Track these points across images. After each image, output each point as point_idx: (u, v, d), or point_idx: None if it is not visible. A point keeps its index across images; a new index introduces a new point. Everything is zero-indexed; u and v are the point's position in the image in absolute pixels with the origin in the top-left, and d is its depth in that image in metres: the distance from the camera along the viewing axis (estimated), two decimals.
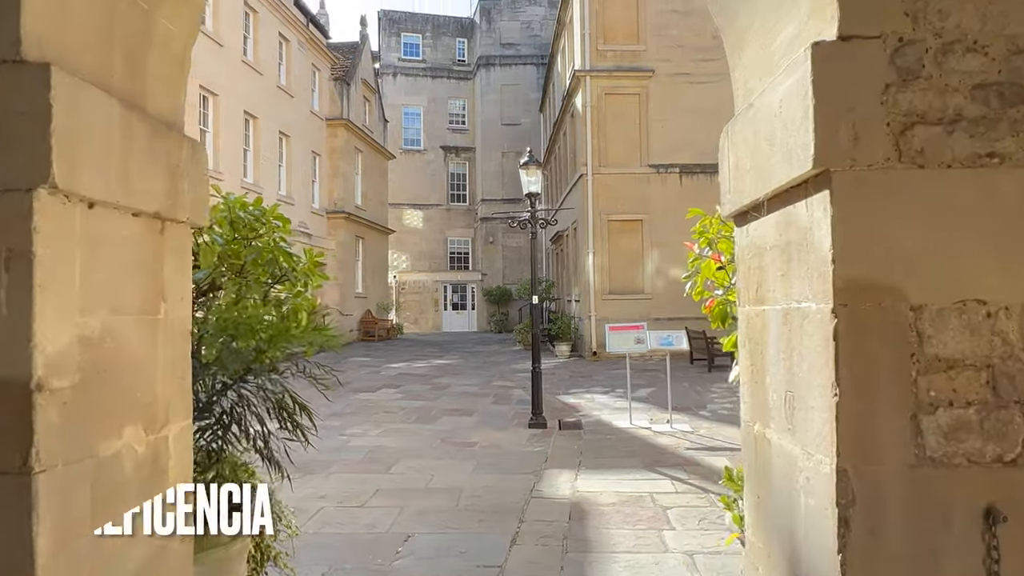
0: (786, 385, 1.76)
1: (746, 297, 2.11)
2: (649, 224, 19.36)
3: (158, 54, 2.10)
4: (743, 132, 2.01)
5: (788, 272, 1.75)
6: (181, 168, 2.17)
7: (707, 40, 19.62)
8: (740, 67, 2.13)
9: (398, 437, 8.87)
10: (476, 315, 35.85)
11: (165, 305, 2.09)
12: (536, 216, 9.73)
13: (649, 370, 15.71)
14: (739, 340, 2.23)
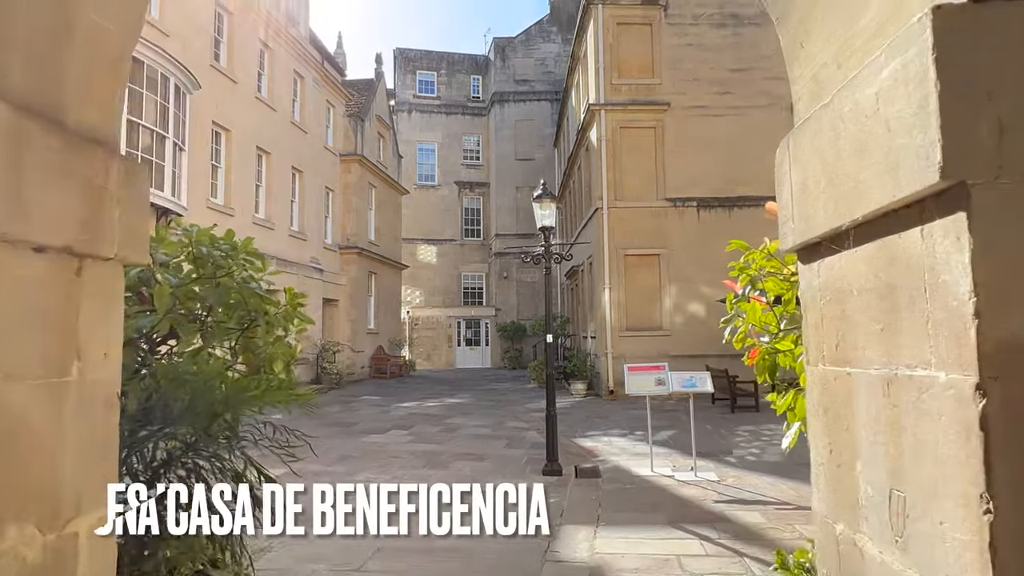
0: (890, 480, 1.28)
1: (818, 354, 1.64)
2: (666, 259, 18.88)
3: (81, 54, 1.71)
4: (814, 141, 1.56)
5: (892, 325, 1.28)
6: (109, 193, 1.75)
7: (722, 73, 19.45)
8: (804, 58, 1.70)
9: (409, 481, 8.34)
10: (490, 351, 35.30)
11: (79, 364, 1.65)
12: (550, 251, 9.32)
13: (669, 410, 15.05)
14: (809, 407, 1.75)
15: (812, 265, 1.65)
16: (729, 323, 2.71)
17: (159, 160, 12.86)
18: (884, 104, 1.22)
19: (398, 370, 27.36)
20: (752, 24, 19.62)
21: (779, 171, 1.78)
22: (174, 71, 13.32)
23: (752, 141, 19.21)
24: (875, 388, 1.34)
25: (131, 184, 1.87)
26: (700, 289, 18.82)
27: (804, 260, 1.70)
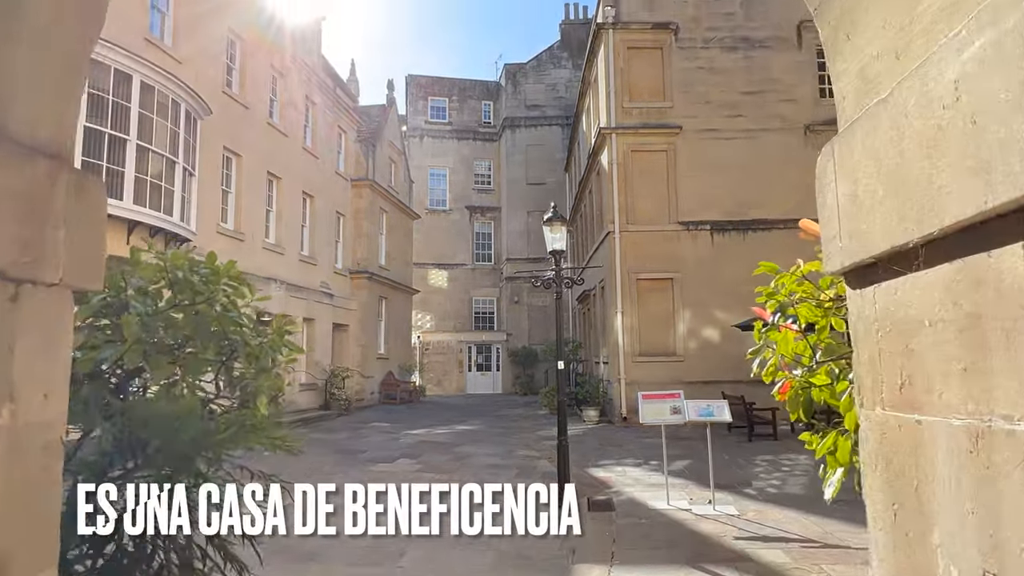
0: (983, 560, 1.02)
1: (875, 396, 1.38)
2: (680, 283, 18.58)
3: (28, 52, 1.51)
4: (868, 144, 1.32)
5: (980, 365, 1.03)
6: (53, 209, 1.54)
7: (734, 96, 19.33)
8: (849, 52, 1.46)
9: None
10: (501, 376, 34.94)
11: (11, 407, 1.43)
12: (561, 275, 9.09)
13: (684, 438, 14.62)
14: (864, 457, 1.48)
15: (865, 291, 1.40)
16: (758, 354, 2.45)
17: (169, 185, 12.83)
18: (967, 91, 0.99)
19: (408, 396, 27.05)
20: (763, 47, 19.55)
21: (821, 182, 1.55)
22: (185, 97, 13.36)
23: (765, 164, 19.04)
24: (958, 442, 1.08)
25: (83, 200, 1.66)
26: (714, 314, 18.49)
27: (854, 284, 1.45)
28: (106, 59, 11.41)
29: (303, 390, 19.77)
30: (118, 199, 11.51)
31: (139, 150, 11.98)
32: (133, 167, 11.81)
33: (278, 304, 18.27)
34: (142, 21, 13.39)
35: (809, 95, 19.33)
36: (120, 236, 11.86)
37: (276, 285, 18.16)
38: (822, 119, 19.10)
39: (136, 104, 11.92)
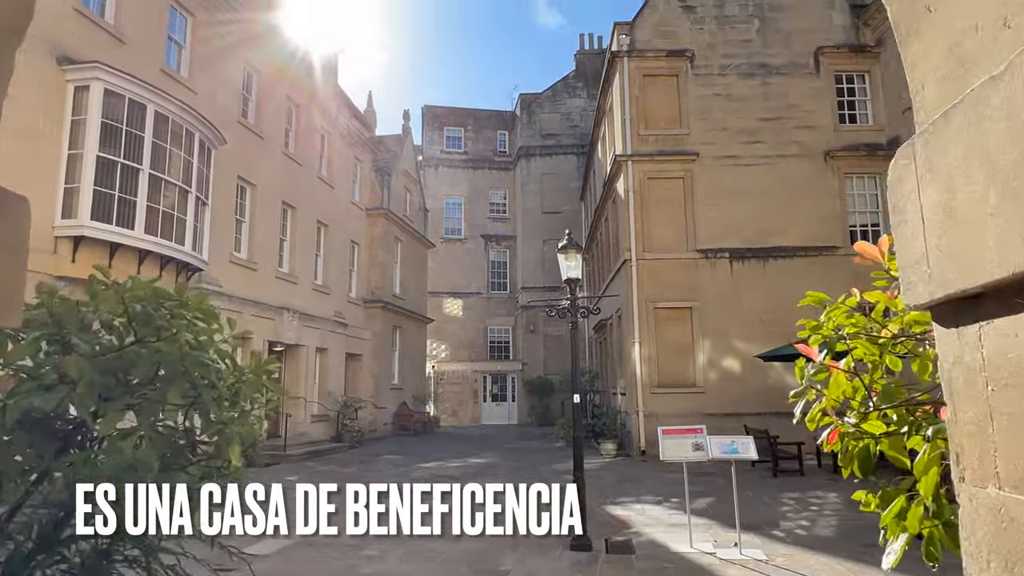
0: None
1: (987, 469, 1.05)
2: (699, 312, 18.15)
3: None
4: (971, 138, 1.01)
5: None
6: None
7: (752, 122, 19.09)
8: (931, 29, 1.16)
9: (419, 561, 7.64)
10: (516, 407, 34.41)
11: None
12: (577, 304, 8.77)
13: (706, 473, 14.07)
14: (971, 550, 1.14)
15: (966, 330, 1.08)
16: (801, 397, 2.11)
17: (181, 215, 12.76)
18: None
19: (422, 427, 26.63)
20: (780, 74, 19.35)
21: (896, 193, 1.23)
22: (200, 127, 13.36)
23: (784, 191, 18.70)
24: None
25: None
26: (734, 344, 18.01)
27: (949, 322, 1.13)
28: (120, 89, 11.44)
29: (315, 421, 19.47)
30: (129, 228, 11.43)
31: (152, 180, 11.93)
32: (145, 197, 11.75)
33: (291, 334, 18.09)
34: (158, 53, 13.49)
35: (828, 121, 19.04)
36: (131, 266, 11.75)
37: (289, 315, 18.01)
38: (841, 145, 18.80)
39: (150, 134, 11.91)
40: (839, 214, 18.53)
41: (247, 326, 15.89)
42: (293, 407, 18.57)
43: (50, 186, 10.78)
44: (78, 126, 11.07)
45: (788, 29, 19.57)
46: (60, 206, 10.86)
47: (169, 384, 1.94)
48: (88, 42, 11.53)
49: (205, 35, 15.12)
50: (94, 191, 10.95)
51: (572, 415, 9.02)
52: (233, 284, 15.67)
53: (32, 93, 10.54)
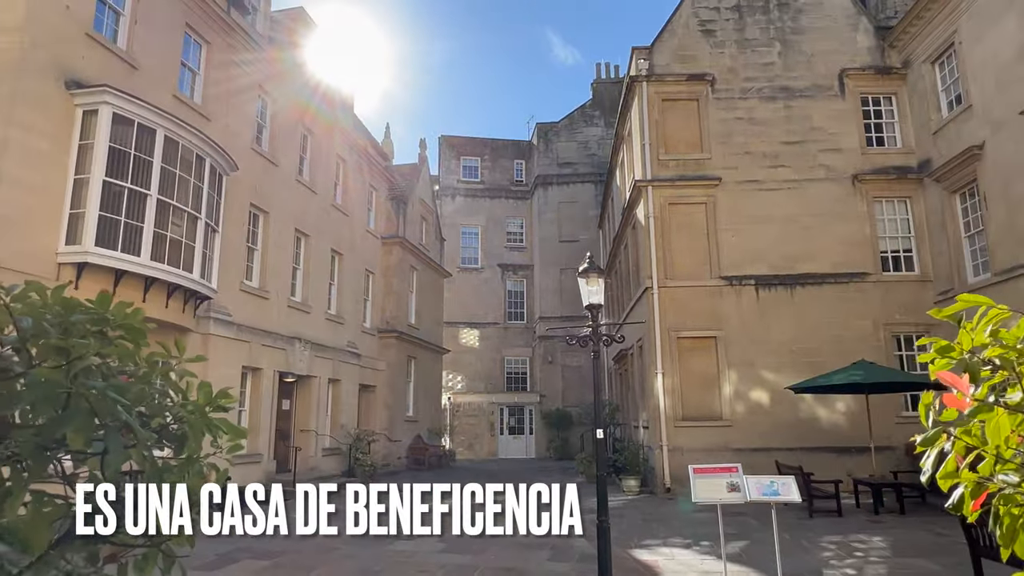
0: None
1: None
2: (724, 341, 17.43)
3: None
4: None
5: None
6: None
7: (775, 146, 18.58)
8: None
9: None
10: (534, 440, 33.53)
11: None
12: (599, 331, 8.19)
13: (737, 514, 13.24)
14: None
15: None
16: (931, 445, 1.53)
17: (190, 241, 12.43)
18: None
19: (437, 460, 25.89)
20: (804, 96, 18.88)
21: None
22: (211, 152, 13.12)
23: (811, 216, 18.09)
24: None
25: None
26: (762, 375, 17.24)
27: None
28: (129, 113, 11.22)
29: (326, 455, 18.87)
30: (134, 255, 11.10)
31: (160, 206, 11.64)
32: (152, 223, 11.44)
33: (303, 364, 17.63)
34: (171, 79, 13.35)
35: (855, 144, 18.47)
36: (136, 294, 11.40)
37: (301, 345, 17.58)
38: (870, 168, 18.20)
39: (158, 159, 11.66)
40: (869, 239, 17.83)
41: (257, 356, 15.47)
42: (304, 440, 18.01)
43: (55, 212, 10.50)
44: (85, 151, 10.84)
45: (811, 52, 19.15)
46: (65, 232, 10.57)
47: (72, 424, 1.42)
48: (99, 67, 11.37)
49: (220, 61, 15.02)
50: (99, 217, 10.66)
51: (594, 450, 8.39)
52: (243, 313, 15.29)
53: (40, 118, 10.33)
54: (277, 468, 16.48)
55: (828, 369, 16.50)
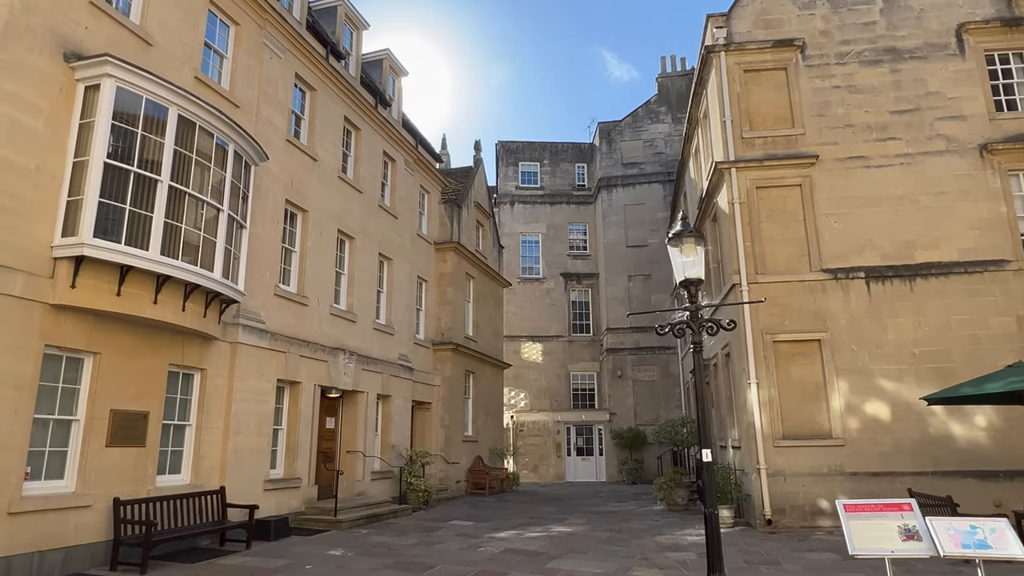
0: None
1: None
2: (830, 345, 14.77)
3: None
4: None
5: None
6: None
7: (882, 117, 15.91)
8: None
9: None
10: (605, 462, 30.97)
11: None
12: (699, 315, 6.03)
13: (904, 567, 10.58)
14: None
15: None
16: None
17: (210, 236, 10.93)
18: None
19: (499, 484, 23.80)
20: (914, 58, 16.15)
21: None
22: (235, 138, 11.67)
23: (930, 195, 15.31)
24: None
25: None
26: (879, 384, 14.46)
27: None
28: (135, 88, 9.83)
29: (375, 479, 17.08)
30: (143, 249, 9.61)
31: (173, 195, 10.17)
32: (163, 212, 9.96)
33: (348, 378, 15.98)
34: (193, 59, 12.02)
35: (981, 110, 15.59)
36: (146, 294, 9.92)
37: (345, 357, 15.94)
38: (1001, 137, 15.29)
39: (171, 141, 10.22)
40: (1006, 219, 14.88)
41: (295, 369, 13.89)
42: (350, 463, 16.30)
43: (51, 200, 9.14)
44: (86, 131, 9.48)
45: (919, 6, 16.44)
46: (61, 222, 9.18)
47: None
48: (107, 40, 10.07)
49: (251, 47, 13.70)
50: (100, 204, 9.23)
51: (703, 479, 6.18)
52: (278, 320, 13.75)
53: (32, 92, 9.02)
54: (319, 494, 14.78)
55: (961, 376, 13.64)
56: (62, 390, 9.29)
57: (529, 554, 11.18)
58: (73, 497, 9.14)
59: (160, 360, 10.77)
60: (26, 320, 8.63)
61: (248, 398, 12.60)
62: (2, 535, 8.13)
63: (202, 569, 9.49)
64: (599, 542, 12.67)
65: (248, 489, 12.32)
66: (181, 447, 11.40)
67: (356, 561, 10.18)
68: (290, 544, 11.68)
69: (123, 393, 10.00)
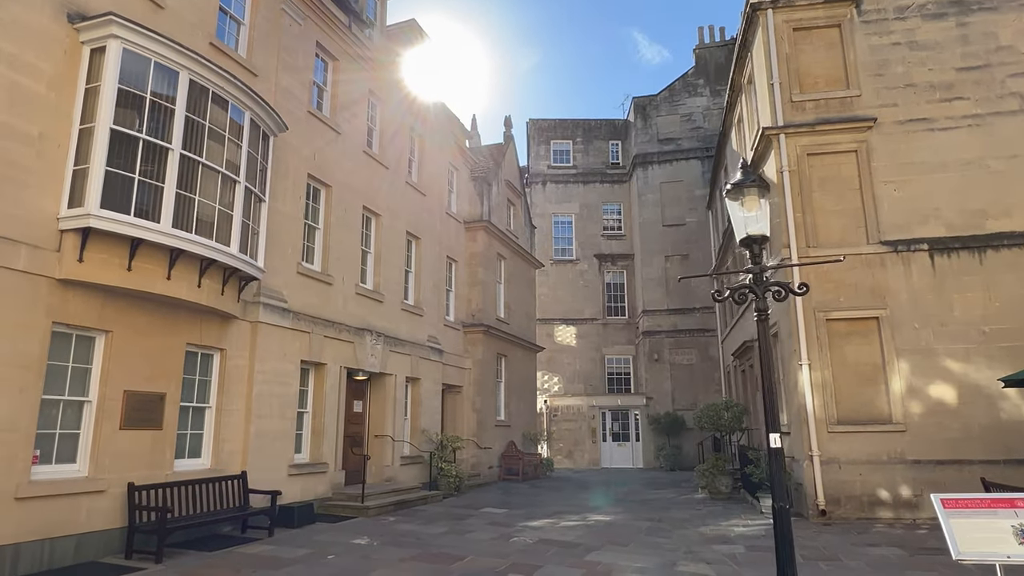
0: None
1: None
2: (889, 322, 13.65)
3: None
4: None
5: None
6: None
7: (947, 75, 14.60)
8: None
9: None
10: (641, 448, 30.10)
11: None
12: (763, 277, 5.18)
13: (927, 548, 9.64)
14: None
15: None
16: None
17: (226, 209, 10.36)
18: None
19: (533, 470, 23.15)
20: (983, 9, 14.78)
21: None
22: (252, 106, 11.06)
23: (1001, 159, 14.01)
24: None
25: None
26: (945, 365, 13.32)
27: None
28: (143, 50, 9.25)
29: (405, 464, 16.54)
30: (153, 221, 9.07)
31: (185, 164, 9.60)
32: (175, 182, 9.40)
33: (375, 360, 15.41)
34: (207, 25, 11.42)
35: None
36: (159, 269, 9.39)
37: (372, 338, 15.37)
38: None
39: (182, 106, 9.63)
40: None
41: (319, 350, 13.35)
42: (379, 448, 15.77)
43: (56, 169, 8.63)
44: (92, 96, 8.94)
45: None
46: (67, 193, 8.68)
47: None
48: (114, 1, 9.48)
49: (269, 13, 13.07)
50: (107, 173, 8.69)
51: (769, 468, 5.35)
52: (301, 299, 13.20)
53: (33, 54, 8.50)
54: (346, 480, 14.28)
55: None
56: (72, 370, 8.84)
57: (565, 545, 10.46)
58: (86, 482, 8.70)
59: (176, 339, 10.28)
60: (32, 295, 8.16)
61: (270, 380, 12.08)
62: (9, 521, 7.71)
63: (219, 558, 9.00)
64: (639, 532, 11.90)
65: (271, 474, 11.84)
66: (201, 430, 10.93)
67: (381, 551, 9.59)
68: (314, 532, 11.17)
69: (137, 373, 9.52)
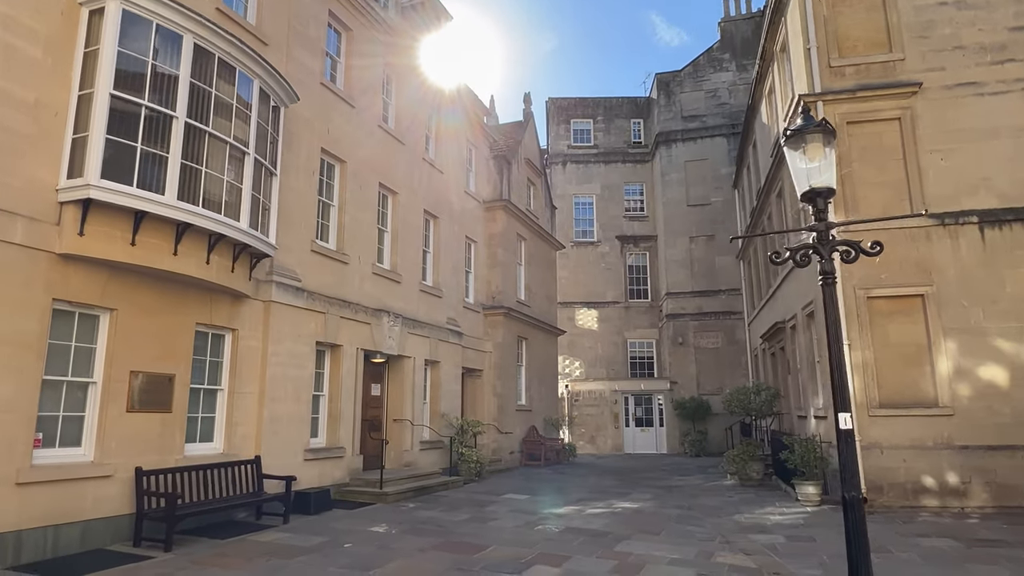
0: None
1: None
2: (936, 300, 12.85)
3: None
4: None
5: None
6: None
7: (999, 35, 13.64)
8: None
9: None
10: (665, 433, 29.47)
11: None
12: (828, 236, 4.52)
13: (986, 540, 8.98)
14: None
15: None
16: None
17: (234, 181, 9.86)
18: None
19: (555, 456, 22.66)
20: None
21: None
22: (261, 74, 10.52)
23: None
24: None
25: None
26: (995, 345, 12.52)
27: None
28: (144, 12, 8.73)
29: (424, 449, 16.10)
30: (158, 193, 8.59)
31: (191, 133, 9.10)
32: (180, 153, 8.91)
33: (393, 342, 14.93)
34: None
35: None
36: (165, 244, 8.93)
37: (389, 319, 14.88)
38: None
39: (186, 72, 9.12)
40: None
41: (335, 331, 12.87)
42: (398, 432, 15.34)
43: (55, 138, 8.17)
44: (91, 60, 8.45)
45: None
46: (67, 163, 8.22)
47: None
48: None
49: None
50: (107, 141, 8.22)
51: (839, 451, 4.73)
52: (316, 279, 12.72)
53: (29, 16, 8.02)
54: (364, 464, 13.85)
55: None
56: (76, 349, 8.42)
57: (593, 534, 9.91)
58: (91, 467, 8.31)
59: (186, 318, 9.84)
60: (30, 271, 7.73)
61: (284, 362, 11.64)
62: (10, 507, 7.33)
63: (231, 546, 8.58)
64: (670, 520, 11.32)
65: (286, 459, 11.43)
66: (212, 413, 10.52)
67: (401, 540, 9.12)
68: (331, 518, 10.74)
69: (144, 353, 9.10)
